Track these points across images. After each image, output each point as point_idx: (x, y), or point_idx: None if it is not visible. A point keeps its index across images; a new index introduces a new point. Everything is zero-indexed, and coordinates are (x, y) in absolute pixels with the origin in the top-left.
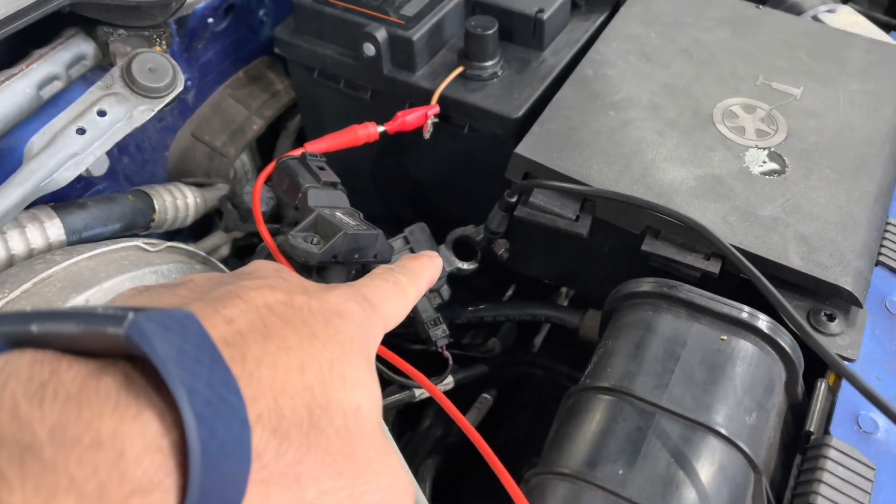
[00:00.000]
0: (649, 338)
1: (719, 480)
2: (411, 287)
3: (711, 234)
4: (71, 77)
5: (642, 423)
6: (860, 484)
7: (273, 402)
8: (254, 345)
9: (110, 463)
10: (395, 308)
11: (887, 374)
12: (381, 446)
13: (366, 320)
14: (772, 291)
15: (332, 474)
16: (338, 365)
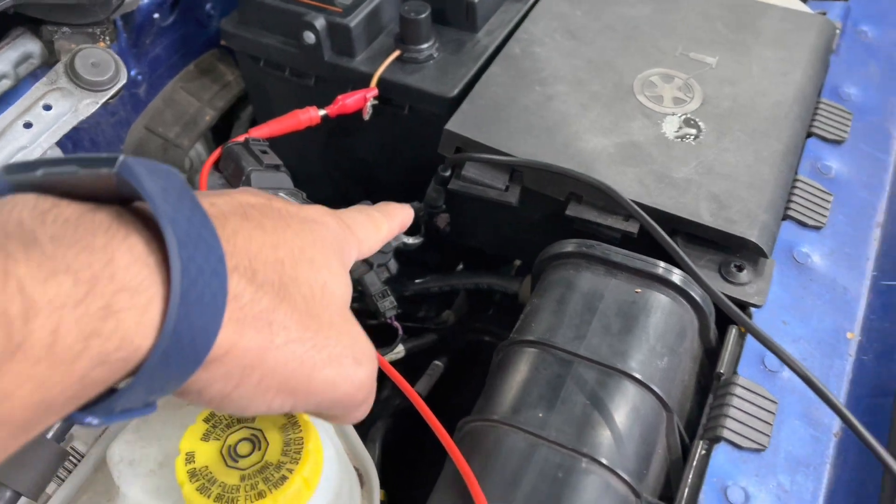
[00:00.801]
0: (570, 294)
1: (632, 419)
2: (384, 222)
3: (618, 195)
4: (19, 75)
5: (562, 371)
6: (763, 417)
7: (248, 262)
8: (232, 221)
9: (102, 263)
10: (369, 235)
11: (793, 317)
12: (346, 316)
13: (340, 233)
14: (671, 245)
15: (300, 327)
16: (308, 251)
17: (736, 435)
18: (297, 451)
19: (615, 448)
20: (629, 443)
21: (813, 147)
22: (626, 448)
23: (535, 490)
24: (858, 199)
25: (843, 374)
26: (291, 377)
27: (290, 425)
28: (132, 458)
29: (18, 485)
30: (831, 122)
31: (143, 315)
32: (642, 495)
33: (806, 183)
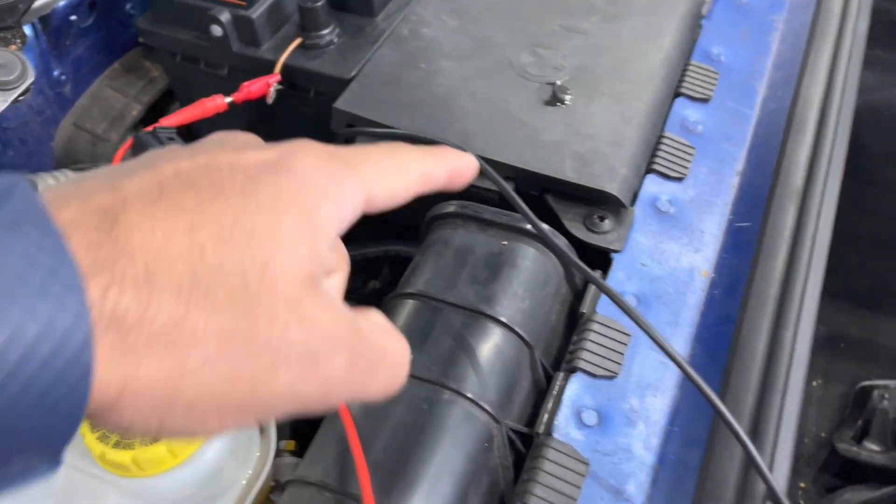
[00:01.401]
0: (444, 250)
1: (494, 356)
2: (416, 161)
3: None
4: None
5: (432, 318)
6: (617, 348)
7: (142, 265)
8: (133, 210)
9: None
10: (383, 174)
11: (652, 260)
12: (296, 299)
13: (321, 173)
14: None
15: (222, 337)
16: (245, 220)
17: (590, 365)
18: None
19: (477, 381)
20: (490, 376)
21: (680, 106)
22: (488, 381)
23: (401, 421)
24: (721, 151)
25: (695, 306)
26: (227, 399)
27: None
28: None
29: None
30: (698, 82)
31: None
32: (503, 422)
33: (670, 139)
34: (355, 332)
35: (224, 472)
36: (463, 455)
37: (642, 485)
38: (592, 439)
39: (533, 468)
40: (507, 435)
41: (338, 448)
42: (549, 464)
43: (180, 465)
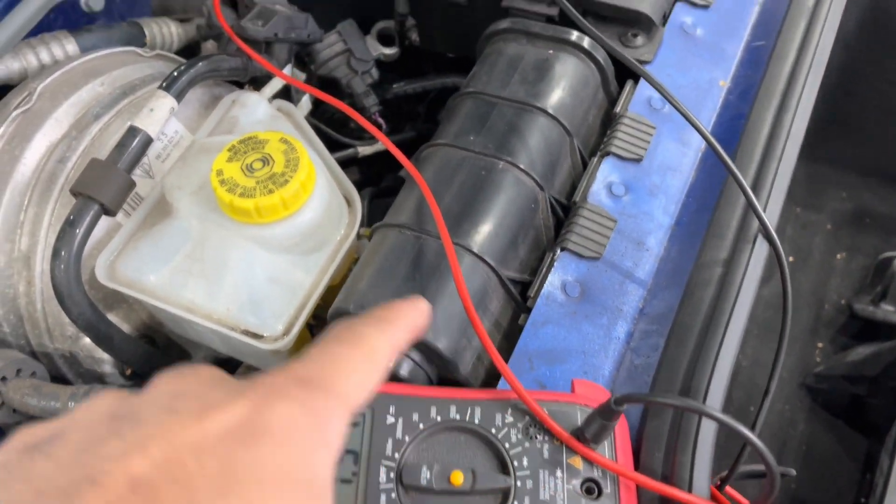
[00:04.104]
0: (499, 59)
1: (540, 138)
2: (381, 340)
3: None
4: None
5: (489, 109)
6: (644, 137)
7: None
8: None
9: None
10: (358, 378)
11: (677, 71)
12: None
13: (308, 424)
14: (577, 16)
15: None
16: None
17: (621, 150)
18: (295, 165)
19: (526, 156)
20: (537, 154)
21: None
22: (535, 157)
23: (465, 182)
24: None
25: (713, 108)
26: None
27: (289, 150)
28: (180, 184)
29: (103, 198)
30: None
31: None
32: (547, 190)
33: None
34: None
35: (321, 228)
36: (515, 210)
37: (660, 239)
38: (620, 206)
39: (570, 223)
40: (550, 201)
41: (414, 203)
42: (583, 220)
43: (289, 217)
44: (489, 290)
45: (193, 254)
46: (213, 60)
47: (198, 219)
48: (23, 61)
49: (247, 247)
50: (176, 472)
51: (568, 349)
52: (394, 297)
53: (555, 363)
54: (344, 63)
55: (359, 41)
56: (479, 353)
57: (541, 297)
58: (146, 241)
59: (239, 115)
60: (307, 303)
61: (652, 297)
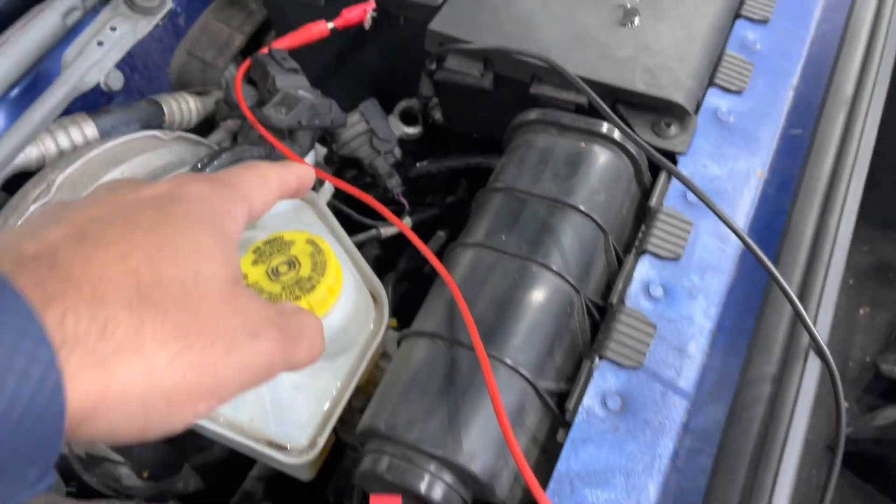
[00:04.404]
0: (528, 151)
1: (574, 238)
2: (274, 172)
3: (564, 70)
4: (86, 7)
5: (520, 207)
6: (681, 234)
7: (90, 292)
8: (65, 251)
9: None
10: (255, 187)
11: (712, 161)
12: (229, 294)
13: (213, 199)
14: (605, 108)
15: (178, 336)
16: (168, 242)
17: (658, 248)
18: (322, 268)
19: (560, 258)
20: (572, 255)
21: (741, 27)
22: (569, 258)
23: (498, 287)
24: (777, 67)
25: (750, 201)
26: (197, 386)
27: (316, 252)
28: None
29: None
30: (757, 5)
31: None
32: (583, 293)
33: (731, 56)
34: (279, 314)
35: (348, 330)
36: (550, 316)
37: (702, 345)
38: (659, 309)
39: (608, 328)
40: (586, 303)
41: (445, 308)
42: (621, 325)
43: None
44: (526, 405)
45: None
46: (235, 152)
47: None
48: (41, 147)
49: None
50: (122, 211)
51: (610, 469)
52: (426, 415)
53: (597, 485)
54: (366, 143)
55: (381, 121)
56: (517, 473)
57: (580, 412)
58: None
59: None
60: (334, 411)
61: (696, 410)
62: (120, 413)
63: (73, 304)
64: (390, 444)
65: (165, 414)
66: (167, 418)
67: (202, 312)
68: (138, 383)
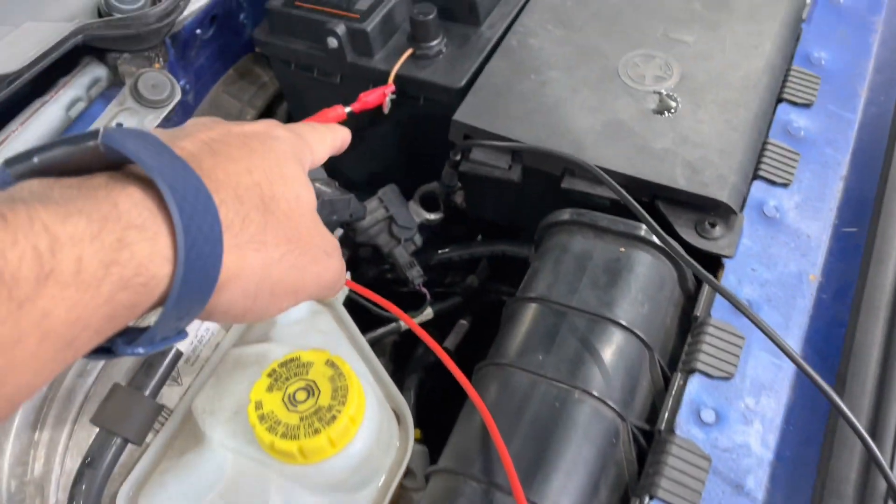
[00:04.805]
0: (564, 256)
1: (618, 357)
2: (328, 133)
3: (598, 172)
4: (91, 97)
5: (557, 321)
6: (732, 350)
7: (233, 192)
8: (206, 159)
9: (108, 207)
10: (317, 141)
11: (761, 264)
12: (315, 219)
13: (296, 142)
14: (642, 213)
15: (286, 241)
16: (276, 168)
17: (708, 366)
18: (343, 395)
19: (603, 381)
20: (615, 377)
21: (783, 112)
22: (613, 381)
23: (536, 418)
24: (825, 156)
25: (804, 310)
26: (293, 281)
27: (336, 376)
28: (212, 409)
29: (127, 433)
30: (800, 88)
31: (154, 246)
32: (628, 419)
33: (775, 145)
34: (337, 246)
35: (371, 459)
36: (593, 449)
37: (761, 480)
38: (711, 436)
39: (657, 462)
40: (632, 431)
41: (477, 441)
42: (672, 458)
43: (337, 454)
44: None
45: (227, 494)
46: None
47: (233, 452)
48: None
49: (287, 487)
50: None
51: None
52: None
53: None
54: (385, 230)
55: (401, 207)
56: None
57: None
58: (173, 475)
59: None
60: None
61: None
62: (241, 289)
63: (224, 198)
64: None
65: (266, 300)
66: (267, 304)
67: (301, 228)
68: (258, 269)
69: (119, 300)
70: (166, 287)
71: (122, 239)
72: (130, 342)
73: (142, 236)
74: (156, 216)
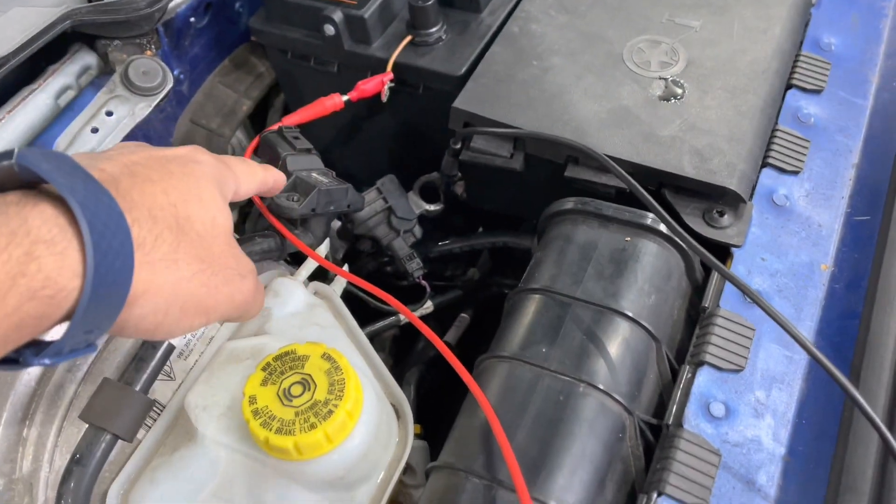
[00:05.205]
0: (568, 246)
1: (624, 349)
2: (260, 169)
3: (603, 158)
4: (81, 85)
5: (562, 313)
6: (742, 342)
7: (147, 211)
8: (123, 180)
9: (19, 221)
10: (245, 174)
11: (770, 253)
12: (230, 242)
13: (219, 169)
14: (650, 200)
15: (198, 260)
16: (194, 190)
17: (717, 359)
18: (340, 390)
19: (609, 374)
20: (621, 369)
21: (793, 98)
22: (619, 374)
23: (540, 412)
24: (835, 144)
25: (816, 301)
26: (203, 300)
27: (333, 370)
28: (205, 404)
29: (116, 429)
30: (810, 73)
31: (63, 260)
32: (634, 413)
33: (785, 132)
34: (253, 270)
35: (369, 455)
36: (599, 444)
37: (773, 476)
38: (721, 430)
39: (666, 458)
40: (639, 425)
41: (479, 436)
42: (681, 454)
43: (333, 450)
44: None
45: (220, 492)
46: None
47: (226, 449)
48: None
49: (283, 484)
50: (155, 162)
51: None
52: None
53: None
54: (384, 221)
55: (400, 198)
56: None
57: None
58: (165, 472)
59: (272, 307)
60: None
61: None
62: (152, 305)
63: (138, 217)
64: None
65: (176, 317)
66: (175, 322)
67: (214, 249)
68: (169, 287)
69: (26, 311)
70: (75, 300)
71: (30, 252)
72: (38, 353)
73: (50, 251)
74: (66, 232)
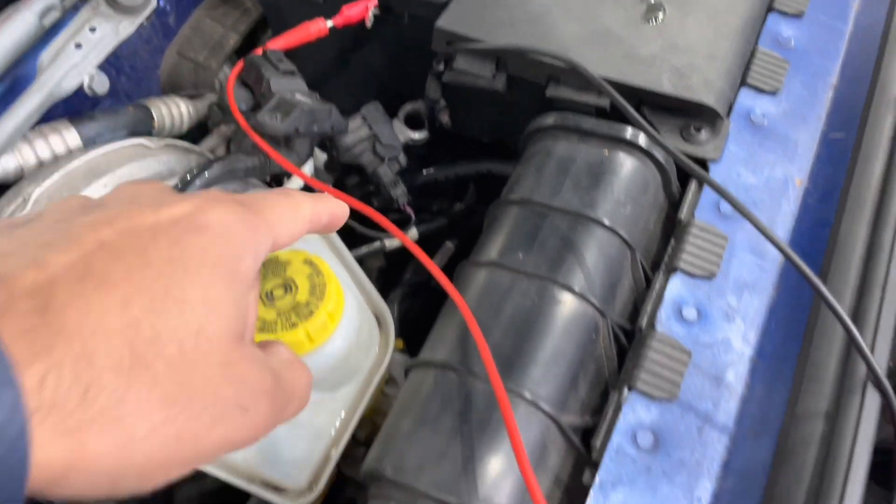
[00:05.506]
0: (547, 160)
1: (598, 256)
2: (308, 203)
3: (585, 70)
4: (65, 6)
5: (539, 222)
6: (715, 251)
7: (80, 347)
8: (64, 289)
9: None
10: (285, 217)
11: (746, 168)
12: (228, 358)
13: (239, 227)
14: (631, 111)
15: (165, 405)
16: (176, 289)
17: (690, 266)
18: (321, 292)
19: (583, 278)
20: (596, 274)
21: (773, 21)
22: (593, 278)
23: (515, 313)
24: (814, 65)
25: (790, 213)
26: (174, 457)
27: (314, 274)
28: None
29: None
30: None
31: None
32: (608, 315)
33: (764, 53)
34: (274, 380)
35: (351, 358)
36: (573, 343)
37: (741, 374)
38: (693, 333)
39: (637, 356)
40: (612, 328)
41: (456, 335)
42: (653, 353)
43: (315, 351)
44: (548, 444)
45: None
46: (228, 161)
47: None
48: (19, 158)
49: None
50: (135, 240)
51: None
52: (438, 457)
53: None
54: (369, 149)
55: (385, 125)
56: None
57: (608, 452)
58: None
59: None
60: (335, 449)
61: (737, 447)
62: (85, 481)
63: (58, 362)
64: (397, 489)
65: (135, 483)
66: (137, 486)
67: (195, 380)
68: (110, 456)
69: None
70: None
71: None
72: None
73: None
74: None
